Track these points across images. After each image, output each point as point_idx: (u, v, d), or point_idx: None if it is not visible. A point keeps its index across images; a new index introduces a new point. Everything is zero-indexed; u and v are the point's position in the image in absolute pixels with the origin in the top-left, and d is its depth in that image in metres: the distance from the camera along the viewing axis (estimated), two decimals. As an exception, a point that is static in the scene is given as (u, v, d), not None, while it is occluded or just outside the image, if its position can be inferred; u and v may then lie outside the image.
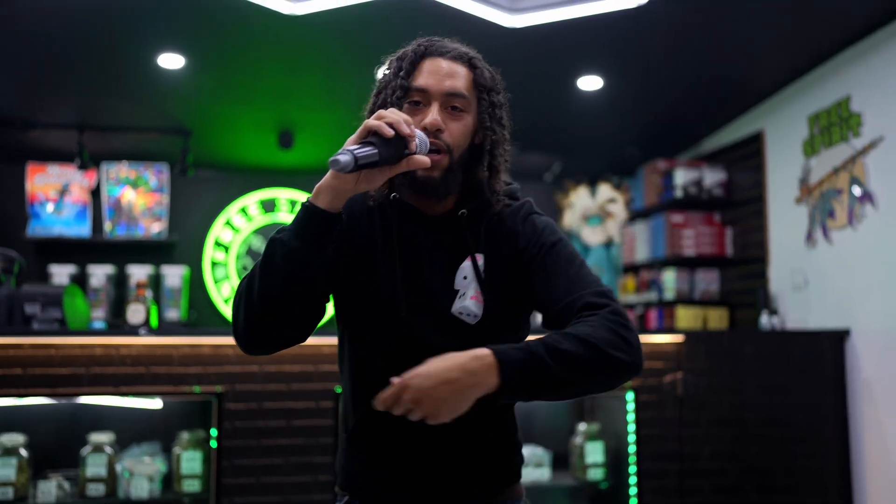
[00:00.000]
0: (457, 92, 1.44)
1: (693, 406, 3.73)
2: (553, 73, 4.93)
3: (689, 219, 5.66)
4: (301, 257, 1.32)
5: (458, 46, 1.52)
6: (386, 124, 1.30)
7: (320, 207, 1.33)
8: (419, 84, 1.45)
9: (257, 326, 1.37)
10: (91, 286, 6.09)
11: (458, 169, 1.45)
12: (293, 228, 1.34)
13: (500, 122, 1.51)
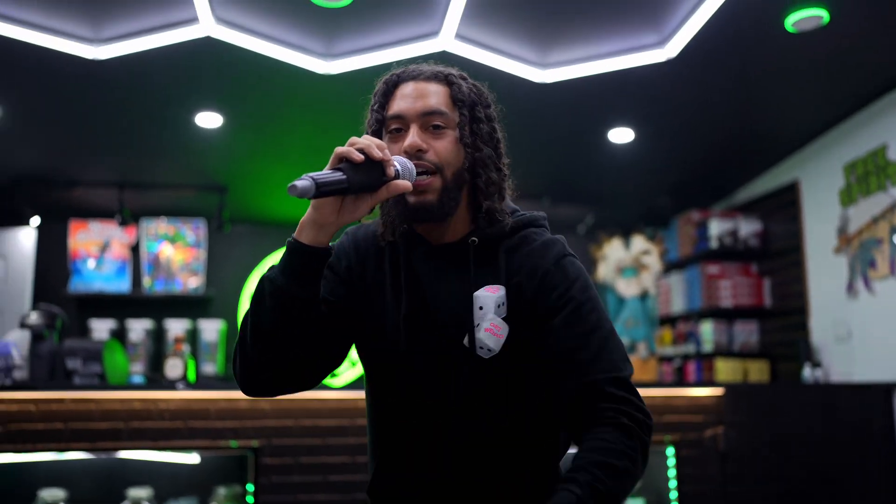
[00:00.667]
0: (432, 110, 1.35)
1: (736, 462, 3.65)
2: (584, 127, 4.96)
3: (726, 269, 5.60)
4: (289, 295, 1.26)
5: (433, 67, 1.42)
6: (356, 150, 1.23)
7: (303, 243, 1.27)
8: (394, 111, 1.38)
9: (252, 365, 1.32)
10: (130, 340, 6.17)
11: (454, 188, 1.35)
12: (280, 266, 1.29)
13: (486, 138, 1.39)
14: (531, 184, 6.19)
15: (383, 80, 1.44)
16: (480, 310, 1.31)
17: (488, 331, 1.31)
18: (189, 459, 3.58)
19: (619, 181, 6.02)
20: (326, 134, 5.10)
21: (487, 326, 1.31)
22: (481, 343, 1.31)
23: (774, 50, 3.90)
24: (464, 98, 1.39)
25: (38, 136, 5.08)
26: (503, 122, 1.52)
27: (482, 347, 1.31)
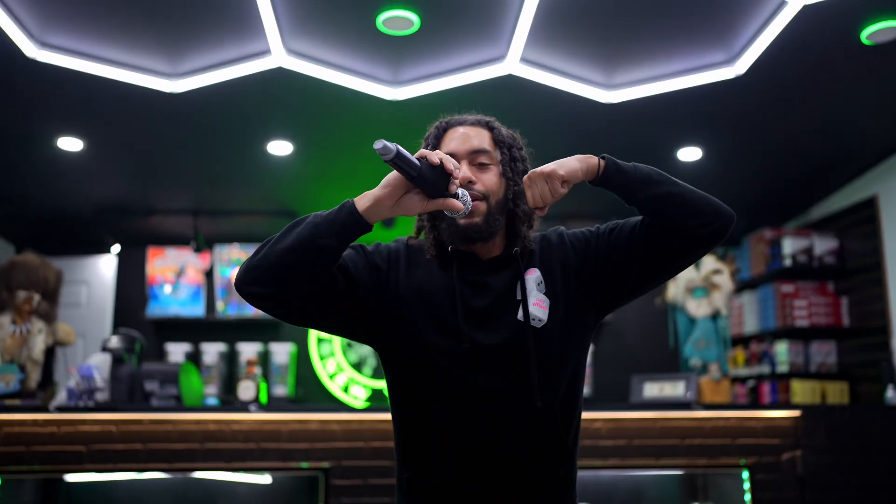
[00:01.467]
0: (479, 149, 1.59)
1: (816, 487, 3.54)
2: (651, 146, 4.92)
3: (801, 288, 5.46)
4: (314, 236, 1.43)
5: (476, 116, 1.69)
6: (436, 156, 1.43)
7: (357, 209, 1.44)
8: (446, 150, 1.59)
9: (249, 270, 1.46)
10: (204, 363, 6.32)
11: (497, 213, 1.58)
12: (327, 213, 1.46)
13: (523, 174, 1.62)
14: (597, 205, 6.16)
15: (434, 126, 1.68)
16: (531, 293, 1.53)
17: (535, 304, 1.52)
18: (262, 480, 3.65)
19: (688, 200, 5.93)
20: (393, 159, 5.17)
21: (534, 301, 1.52)
22: (533, 315, 1.51)
23: (849, 63, 3.81)
24: (503, 140, 1.64)
25: (118, 168, 5.29)
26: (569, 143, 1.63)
27: (534, 318, 1.51)
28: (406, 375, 1.57)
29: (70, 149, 4.76)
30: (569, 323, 1.55)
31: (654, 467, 3.55)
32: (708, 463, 3.54)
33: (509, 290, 1.55)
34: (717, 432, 3.55)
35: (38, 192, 5.61)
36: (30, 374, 3.55)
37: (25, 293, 3.58)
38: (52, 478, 3.57)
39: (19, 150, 4.87)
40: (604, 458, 3.48)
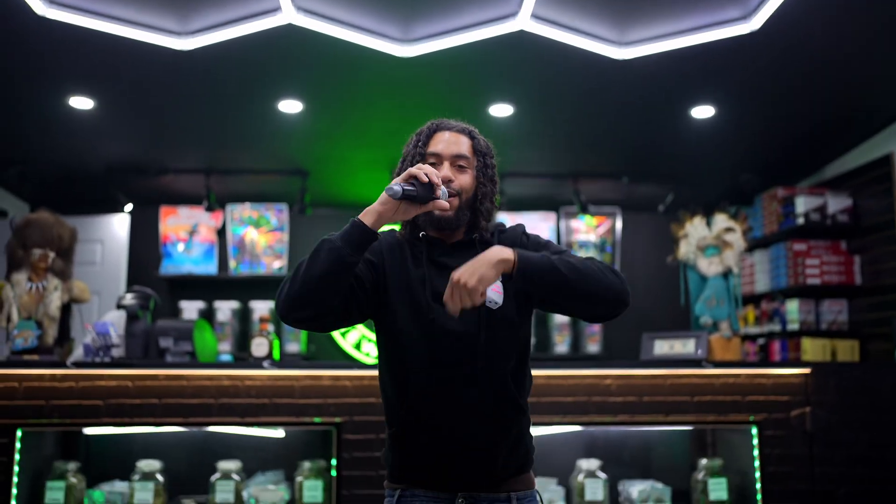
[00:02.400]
0: (460, 154, 1.93)
1: (825, 443, 3.56)
2: (664, 104, 4.88)
3: (813, 247, 5.44)
4: (341, 255, 1.72)
5: (460, 123, 2.01)
6: (423, 174, 1.75)
7: (365, 224, 1.76)
8: (433, 150, 1.93)
9: (296, 298, 1.75)
10: (218, 320, 6.38)
11: (466, 208, 1.92)
12: (341, 235, 1.76)
13: (491, 179, 1.98)
14: (610, 163, 6.13)
15: (426, 126, 1.99)
16: None
17: (494, 290, 1.77)
18: (275, 434, 3.71)
19: (701, 159, 5.90)
20: (404, 117, 5.15)
21: (493, 287, 1.76)
22: (490, 299, 1.77)
23: (866, 18, 3.75)
24: (480, 149, 1.98)
25: (129, 127, 5.29)
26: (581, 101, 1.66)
27: (491, 302, 1.77)
28: (390, 347, 1.89)
29: (81, 107, 4.77)
30: (517, 304, 1.88)
31: (664, 423, 3.59)
32: (717, 419, 3.57)
33: None
34: (727, 389, 3.58)
35: (51, 151, 5.63)
36: (47, 330, 3.60)
37: (40, 251, 3.61)
38: (71, 430, 3.64)
39: (31, 110, 4.89)
40: (614, 415, 3.52)
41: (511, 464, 1.89)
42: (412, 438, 1.86)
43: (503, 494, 1.87)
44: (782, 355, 5.45)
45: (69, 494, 3.41)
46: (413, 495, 1.87)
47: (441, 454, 1.84)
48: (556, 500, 3.54)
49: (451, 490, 1.86)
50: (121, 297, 3.79)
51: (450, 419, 1.83)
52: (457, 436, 1.83)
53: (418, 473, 1.87)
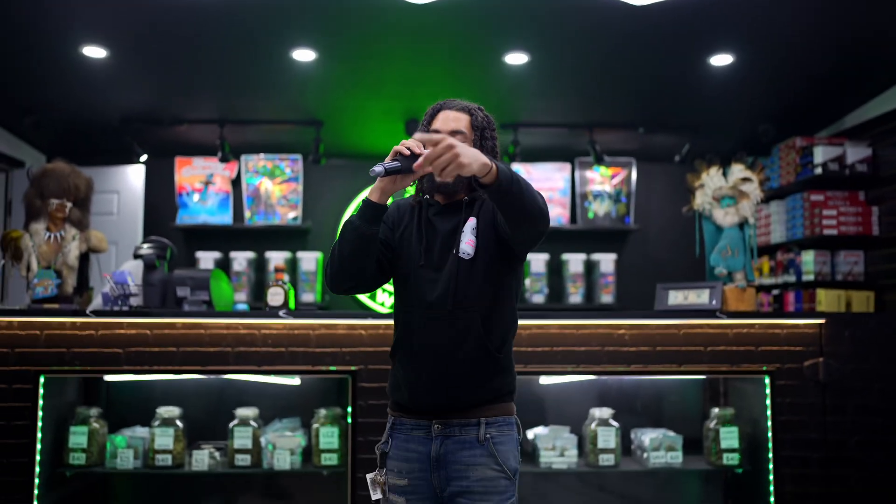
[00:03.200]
0: (457, 130, 2.19)
1: (838, 392, 3.58)
2: (683, 51, 4.81)
3: (831, 197, 5.40)
4: (360, 231, 2.08)
5: (463, 102, 2.27)
6: (405, 147, 2.00)
7: (372, 201, 2.08)
8: (434, 127, 2.22)
9: (337, 274, 2.16)
10: (234, 270, 6.43)
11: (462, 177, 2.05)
12: (357, 214, 2.09)
13: (491, 150, 2.23)
14: (626, 113, 6.07)
15: (432, 107, 2.28)
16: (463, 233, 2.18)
17: (467, 243, 2.16)
18: (291, 382, 3.76)
19: (719, 108, 5.83)
20: (419, 66, 5.11)
21: (466, 240, 2.16)
22: (463, 251, 2.15)
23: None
24: (478, 125, 2.24)
25: (142, 76, 5.28)
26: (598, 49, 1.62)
27: (464, 253, 2.15)
28: (395, 289, 2.27)
29: (94, 56, 4.75)
30: (488, 258, 2.17)
31: (677, 373, 3.61)
32: (730, 369, 3.59)
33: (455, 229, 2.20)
34: (741, 340, 3.59)
35: (66, 101, 5.63)
36: (66, 279, 3.64)
37: (58, 201, 3.63)
38: (92, 377, 3.71)
39: (44, 59, 4.87)
40: (627, 365, 3.54)
41: (483, 394, 2.16)
42: (401, 368, 2.20)
43: (473, 420, 2.14)
44: (796, 306, 5.44)
45: (92, 439, 3.49)
46: (402, 423, 2.21)
47: (419, 383, 2.16)
48: (568, 447, 3.59)
49: (427, 416, 2.15)
50: (138, 246, 3.82)
51: (428, 353, 2.15)
52: (433, 368, 2.14)
53: (403, 401, 2.20)
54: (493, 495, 2.11)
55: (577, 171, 6.80)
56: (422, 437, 2.15)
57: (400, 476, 2.16)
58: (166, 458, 3.47)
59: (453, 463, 2.12)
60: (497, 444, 2.14)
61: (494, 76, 5.23)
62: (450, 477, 2.12)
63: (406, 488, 2.16)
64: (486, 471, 2.12)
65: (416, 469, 2.15)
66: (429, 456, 2.14)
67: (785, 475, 3.53)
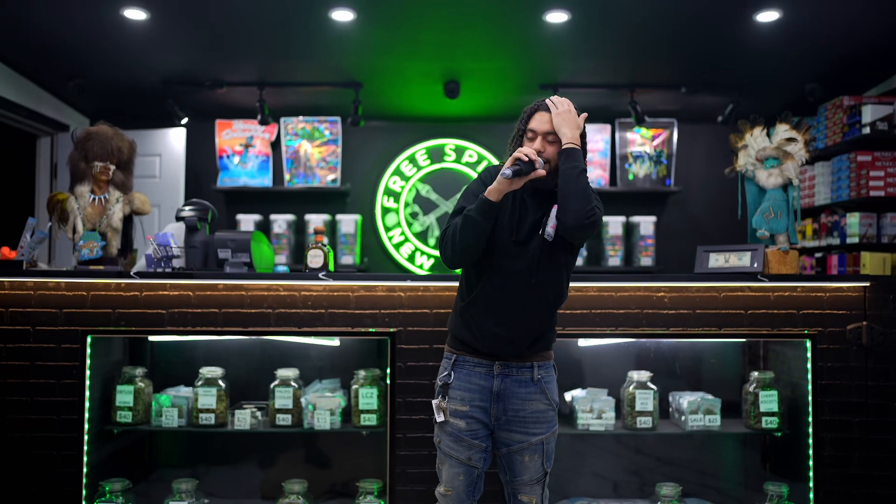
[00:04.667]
0: (550, 132, 2.60)
1: (881, 357, 3.52)
2: (728, 7, 4.69)
3: (878, 158, 5.27)
4: (479, 225, 2.51)
5: None
6: (524, 155, 2.50)
7: (491, 201, 2.51)
8: (531, 126, 2.62)
9: (459, 258, 2.59)
10: (274, 232, 6.50)
11: (554, 172, 2.59)
12: (476, 210, 2.51)
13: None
14: (668, 73, 5.96)
15: (530, 106, 2.65)
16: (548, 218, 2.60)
17: (552, 227, 2.58)
18: (331, 344, 3.81)
19: (764, 67, 5.69)
20: (458, 27, 5.06)
21: (551, 224, 2.58)
22: (547, 233, 2.59)
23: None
24: None
25: (182, 39, 5.30)
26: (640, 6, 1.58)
27: (547, 235, 2.59)
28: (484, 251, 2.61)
29: (135, 18, 4.78)
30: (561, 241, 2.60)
31: (717, 336, 3.58)
32: (771, 332, 3.55)
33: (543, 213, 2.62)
34: (782, 303, 3.54)
35: (107, 64, 5.69)
36: (110, 241, 3.71)
37: (101, 163, 3.69)
38: (137, 338, 3.79)
39: (86, 23, 4.92)
40: (666, 327, 3.52)
41: (539, 345, 2.66)
42: (479, 318, 2.61)
43: (528, 363, 2.65)
44: (840, 269, 5.35)
45: (138, 398, 3.58)
46: (464, 361, 2.66)
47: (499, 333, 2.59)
48: (606, 410, 3.60)
49: (491, 359, 2.63)
50: (180, 209, 3.87)
51: (510, 310, 2.59)
52: (512, 323, 2.59)
53: (475, 344, 2.62)
54: (543, 423, 2.65)
55: (618, 132, 6.71)
56: (483, 374, 2.63)
57: (463, 403, 2.63)
58: (209, 417, 3.55)
59: (512, 396, 2.62)
60: (546, 384, 2.67)
61: (534, 36, 5.16)
62: (507, 408, 2.63)
63: (467, 413, 2.63)
64: (539, 405, 2.64)
65: (476, 399, 2.63)
66: (490, 390, 2.63)
67: (825, 439, 3.51)
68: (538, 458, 2.65)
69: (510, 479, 2.67)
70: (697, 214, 6.81)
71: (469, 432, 2.63)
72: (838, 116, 5.53)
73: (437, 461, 2.72)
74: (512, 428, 2.63)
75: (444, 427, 2.67)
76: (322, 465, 3.85)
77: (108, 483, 3.49)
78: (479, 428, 2.64)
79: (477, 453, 2.64)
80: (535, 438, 2.64)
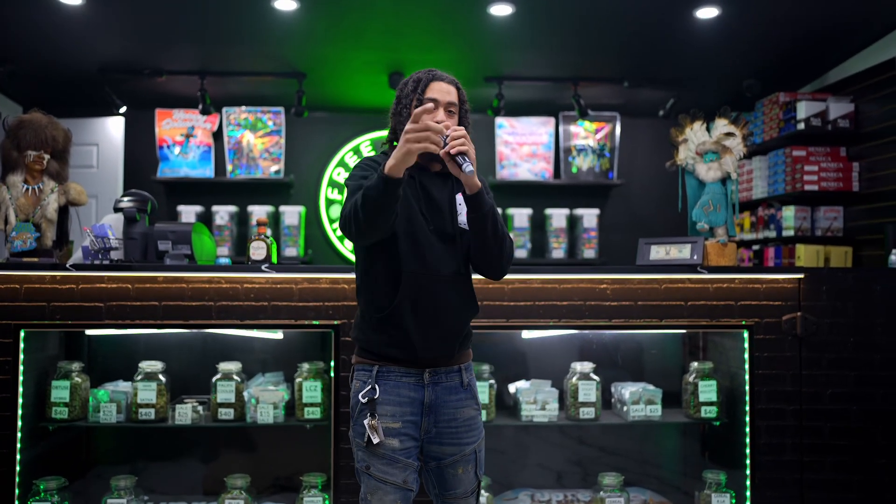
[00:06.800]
0: (452, 102, 2.40)
1: (814, 347, 3.63)
2: (668, 4, 4.76)
3: (813, 153, 5.42)
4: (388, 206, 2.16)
5: (450, 76, 2.44)
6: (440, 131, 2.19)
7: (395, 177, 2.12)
8: (431, 96, 2.38)
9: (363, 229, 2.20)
10: (216, 224, 6.40)
11: None
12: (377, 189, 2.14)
13: (468, 122, 2.45)
14: (611, 67, 6.03)
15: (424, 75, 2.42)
16: (460, 205, 2.41)
17: (464, 215, 2.35)
18: (274, 337, 3.77)
19: (704, 63, 5.80)
20: (403, 17, 5.03)
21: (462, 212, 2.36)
22: (461, 222, 2.38)
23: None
24: (463, 98, 2.45)
25: (120, 25, 5.17)
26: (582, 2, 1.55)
27: (462, 224, 2.38)
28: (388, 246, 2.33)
29: (69, 3, 4.65)
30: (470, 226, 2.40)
31: (658, 327, 3.64)
32: (710, 323, 3.62)
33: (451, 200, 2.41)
34: (721, 294, 3.62)
35: (41, 50, 5.51)
36: (45, 232, 3.60)
37: (35, 152, 3.58)
38: (73, 332, 3.70)
39: (17, 5, 4.76)
40: (608, 319, 3.57)
41: (464, 345, 2.45)
42: (401, 324, 2.32)
43: (455, 367, 2.42)
44: (776, 261, 5.50)
45: (74, 393, 3.49)
46: (389, 371, 2.36)
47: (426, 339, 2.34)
48: (549, 401, 3.63)
49: (420, 367, 2.36)
50: (118, 200, 3.78)
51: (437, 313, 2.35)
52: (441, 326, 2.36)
53: (398, 354, 2.35)
54: (474, 431, 2.44)
55: (561, 125, 6.77)
56: (412, 385, 2.36)
57: (394, 419, 2.34)
58: (149, 412, 3.48)
59: (443, 406, 2.38)
60: (473, 387, 2.47)
61: (479, 28, 5.16)
62: (438, 420, 2.38)
63: (400, 430, 2.34)
64: (470, 411, 2.44)
65: (407, 413, 2.35)
66: (422, 402, 2.37)
67: (760, 427, 3.60)
68: (471, 468, 2.44)
69: (441, 493, 2.45)
70: (639, 207, 6.91)
71: (403, 451, 2.34)
72: (774, 112, 5.67)
73: (364, 492, 2.35)
74: (443, 440, 2.39)
75: (373, 450, 2.33)
76: (265, 459, 3.81)
77: (42, 481, 3.40)
78: (412, 445, 2.37)
79: (411, 474, 2.36)
80: (468, 448, 2.42)
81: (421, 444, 2.40)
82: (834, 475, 3.60)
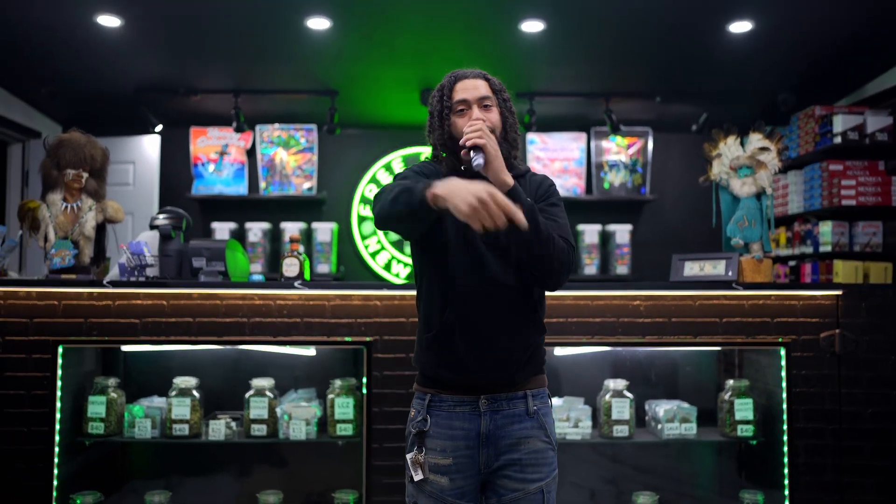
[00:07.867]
0: (484, 95, 2.21)
1: (853, 364, 3.56)
2: (701, 18, 4.73)
3: (850, 167, 5.33)
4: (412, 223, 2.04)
5: (474, 70, 2.27)
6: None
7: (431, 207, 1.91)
8: (460, 98, 2.21)
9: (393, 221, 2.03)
10: (249, 241, 6.46)
11: (500, 141, 2.17)
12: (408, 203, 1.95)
13: (510, 110, 2.27)
14: (643, 82, 6.00)
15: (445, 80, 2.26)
16: None
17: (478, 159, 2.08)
18: (306, 353, 3.78)
19: (737, 77, 5.75)
20: (434, 34, 5.06)
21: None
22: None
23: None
24: (497, 88, 2.26)
25: (156, 46, 5.26)
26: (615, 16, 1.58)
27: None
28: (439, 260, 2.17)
29: (108, 25, 4.74)
30: None
31: (692, 344, 3.60)
32: (745, 340, 3.57)
33: None
34: (757, 311, 3.57)
35: (81, 71, 5.62)
36: (83, 249, 3.67)
37: (74, 171, 3.65)
38: (109, 348, 3.74)
39: (59, 29, 4.86)
40: (642, 336, 3.54)
41: (528, 369, 2.18)
42: (454, 346, 2.10)
43: (520, 393, 2.15)
44: (813, 278, 5.41)
45: (110, 408, 3.53)
46: (441, 399, 2.14)
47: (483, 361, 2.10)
48: (583, 418, 3.60)
49: (473, 392, 2.12)
50: (154, 217, 3.83)
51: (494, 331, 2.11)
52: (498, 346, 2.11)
53: (450, 379, 2.13)
54: (543, 467, 2.13)
55: (593, 140, 6.74)
56: (467, 414, 2.11)
57: (444, 455, 2.10)
58: (183, 427, 3.51)
59: (504, 437, 2.11)
60: (544, 416, 2.18)
61: (510, 44, 5.17)
62: (499, 452, 2.11)
63: (450, 467, 2.10)
64: (537, 443, 2.14)
65: (461, 447, 2.11)
66: (478, 433, 2.11)
67: (799, 446, 3.53)
68: None
69: None
70: (672, 223, 6.85)
71: (453, 491, 2.09)
72: (810, 126, 5.60)
73: None
74: (504, 475, 2.11)
75: (421, 487, 2.12)
76: (297, 475, 3.82)
77: (79, 496, 3.44)
78: (467, 484, 2.10)
79: None
80: (533, 486, 2.10)
81: (483, 482, 2.14)
82: (874, 497, 3.52)
